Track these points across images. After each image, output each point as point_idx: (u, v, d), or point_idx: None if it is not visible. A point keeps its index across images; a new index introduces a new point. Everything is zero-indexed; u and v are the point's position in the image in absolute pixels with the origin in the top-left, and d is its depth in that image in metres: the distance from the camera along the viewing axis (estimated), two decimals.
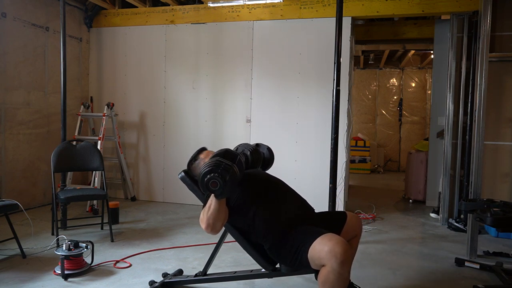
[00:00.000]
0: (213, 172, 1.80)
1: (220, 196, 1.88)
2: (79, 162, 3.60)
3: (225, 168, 1.82)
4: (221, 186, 1.80)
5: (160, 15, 5.06)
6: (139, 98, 5.19)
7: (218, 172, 1.80)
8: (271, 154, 2.51)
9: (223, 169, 1.81)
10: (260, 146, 2.51)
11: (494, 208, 2.74)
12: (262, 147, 2.51)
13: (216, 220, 1.94)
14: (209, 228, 1.96)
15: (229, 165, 1.84)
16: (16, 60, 4.37)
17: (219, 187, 1.80)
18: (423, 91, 9.01)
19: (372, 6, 4.34)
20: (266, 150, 2.49)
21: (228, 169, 1.82)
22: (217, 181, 1.80)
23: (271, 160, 2.51)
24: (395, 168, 9.20)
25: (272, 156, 2.51)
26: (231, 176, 1.81)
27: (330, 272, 1.68)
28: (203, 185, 1.82)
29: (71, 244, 2.73)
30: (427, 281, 2.77)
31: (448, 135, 4.31)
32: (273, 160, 2.52)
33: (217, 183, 1.80)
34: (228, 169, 1.82)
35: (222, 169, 1.81)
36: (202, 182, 1.82)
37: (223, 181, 1.79)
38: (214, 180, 1.80)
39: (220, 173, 1.80)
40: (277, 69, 4.68)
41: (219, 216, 1.94)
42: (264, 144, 2.54)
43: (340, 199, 4.29)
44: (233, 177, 1.83)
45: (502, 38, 3.84)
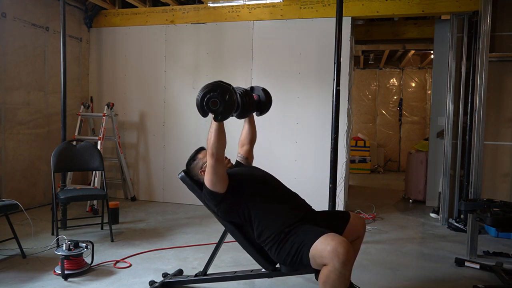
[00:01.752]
0: (213, 91, 1.84)
1: (220, 116, 1.88)
2: (79, 162, 3.60)
3: (224, 89, 1.86)
4: (221, 104, 1.84)
5: (160, 15, 5.06)
6: (139, 98, 5.19)
7: (217, 91, 1.84)
8: (268, 96, 2.38)
9: (222, 89, 1.85)
10: (255, 89, 2.40)
11: (494, 208, 2.75)
12: (256, 89, 2.40)
13: (218, 148, 1.93)
14: (213, 157, 1.94)
15: (227, 86, 1.88)
16: (16, 60, 4.37)
17: (219, 105, 1.84)
18: (423, 91, 9.01)
19: (372, 6, 4.34)
20: (261, 92, 2.37)
21: (227, 90, 1.86)
22: (217, 100, 1.83)
23: (268, 103, 2.38)
24: (395, 168, 9.20)
25: (269, 98, 2.39)
26: (230, 96, 1.85)
27: (332, 271, 1.68)
28: (203, 105, 1.85)
29: (71, 244, 2.73)
30: (427, 281, 2.77)
31: (448, 135, 4.31)
32: (270, 103, 2.39)
33: (217, 102, 1.84)
34: (227, 89, 1.86)
35: (221, 89, 1.85)
36: (201, 102, 1.85)
37: (223, 99, 1.83)
38: (214, 99, 1.83)
39: (219, 92, 1.84)
40: (277, 69, 4.68)
41: (220, 142, 1.93)
42: (259, 86, 2.42)
43: (340, 199, 4.29)
44: (232, 97, 1.87)
45: (502, 38, 3.84)
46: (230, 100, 1.86)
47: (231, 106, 1.87)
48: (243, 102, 2.16)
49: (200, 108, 1.88)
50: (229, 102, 1.86)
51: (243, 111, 2.20)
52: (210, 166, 1.97)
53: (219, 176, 1.99)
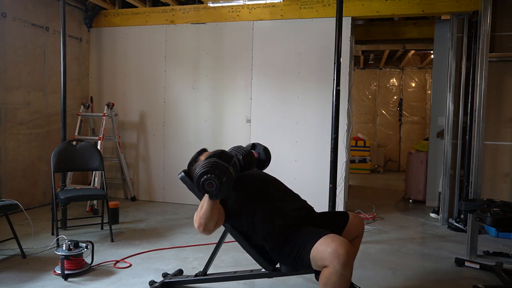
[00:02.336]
0: (210, 173, 1.79)
1: (215, 197, 1.87)
2: (79, 162, 3.60)
3: (222, 169, 1.82)
4: (217, 187, 1.80)
5: (160, 15, 5.06)
6: (139, 98, 5.19)
7: (215, 173, 1.79)
8: (267, 155, 2.45)
9: (220, 171, 1.81)
10: (256, 147, 2.46)
11: (494, 208, 2.74)
12: (258, 147, 2.46)
13: (208, 221, 1.92)
14: (201, 227, 1.94)
15: (226, 167, 1.84)
16: (16, 60, 4.37)
17: (215, 188, 1.80)
18: (423, 91, 9.01)
19: (372, 6, 4.34)
20: (262, 151, 2.44)
21: (225, 171, 1.82)
22: (213, 182, 1.79)
23: (267, 162, 2.46)
24: (395, 168, 9.20)
25: (268, 157, 2.46)
26: (227, 178, 1.81)
27: (333, 273, 1.68)
28: (199, 185, 1.82)
29: (71, 244, 2.73)
30: (427, 281, 2.77)
31: (448, 135, 4.31)
32: (269, 162, 2.47)
33: (213, 184, 1.80)
34: (225, 170, 1.82)
35: (219, 170, 1.81)
36: (198, 182, 1.82)
37: (219, 182, 1.79)
38: (211, 181, 1.79)
39: (217, 174, 1.79)
40: (277, 69, 4.68)
41: (211, 216, 1.93)
42: (260, 144, 2.48)
43: (340, 199, 4.29)
44: (229, 179, 1.83)
45: (502, 38, 3.84)
46: (227, 182, 1.81)
47: (227, 187, 1.83)
48: (245, 162, 2.18)
49: (196, 187, 1.85)
50: (226, 184, 1.81)
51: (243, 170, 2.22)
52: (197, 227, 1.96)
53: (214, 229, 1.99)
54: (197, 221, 1.95)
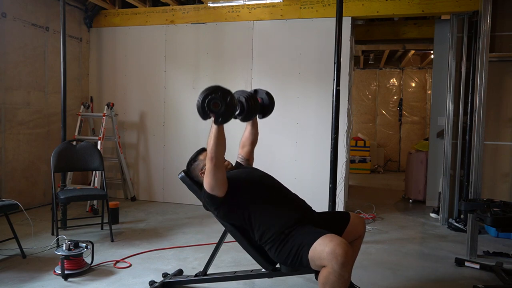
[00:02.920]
0: (214, 93, 1.84)
1: (221, 119, 1.88)
2: (79, 162, 3.60)
3: (225, 91, 1.86)
4: (222, 105, 1.83)
5: (160, 15, 5.06)
6: (139, 98, 5.19)
7: (218, 94, 1.84)
8: (271, 100, 2.39)
9: (223, 92, 1.85)
10: (258, 92, 2.41)
11: (494, 208, 2.75)
12: (260, 92, 2.41)
13: (218, 153, 1.92)
14: (213, 160, 1.92)
15: (228, 90, 1.88)
16: (16, 60, 4.37)
17: (221, 107, 1.83)
18: (423, 91, 9.01)
19: (372, 6, 4.34)
20: (265, 95, 2.38)
21: (228, 92, 1.87)
22: (218, 102, 1.83)
23: (271, 106, 2.40)
24: (395, 168, 9.20)
25: (272, 101, 2.40)
26: (231, 99, 1.86)
27: (331, 273, 1.68)
28: (204, 106, 1.83)
29: (71, 244, 2.73)
30: (427, 281, 2.77)
31: (448, 135, 4.31)
32: (273, 107, 2.41)
33: (219, 104, 1.83)
34: (228, 92, 1.87)
35: (222, 91, 1.85)
36: (202, 103, 1.83)
37: (224, 101, 1.83)
38: (216, 100, 1.83)
39: (220, 95, 1.84)
40: (277, 69, 4.68)
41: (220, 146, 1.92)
42: (262, 89, 2.43)
43: (340, 199, 4.29)
44: (233, 100, 1.87)
45: (502, 38, 3.84)
46: (231, 102, 1.86)
47: (232, 108, 1.87)
48: (248, 105, 2.14)
49: (201, 110, 1.85)
50: (230, 104, 1.85)
51: (248, 114, 2.18)
52: (209, 170, 1.96)
53: (218, 180, 1.98)
54: (209, 156, 1.93)
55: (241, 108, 2.14)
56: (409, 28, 5.44)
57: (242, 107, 2.13)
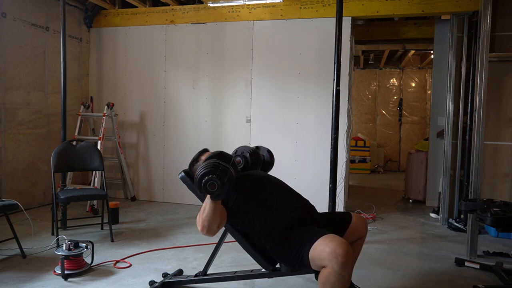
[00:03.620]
0: (211, 174, 1.81)
1: (217, 198, 1.89)
2: (79, 162, 3.60)
3: (223, 170, 1.83)
4: (219, 187, 1.81)
5: (160, 15, 5.06)
6: (139, 98, 5.19)
7: (216, 174, 1.81)
8: (271, 157, 2.51)
9: (221, 171, 1.82)
10: (260, 149, 2.52)
11: (494, 208, 2.74)
12: (262, 149, 2.51)
13: (211, 222, 1.95)
14: (204, 230, 1.96)
15: (226, 167, 1.85)
16: (16, 60, 4.37)
17: (217, 189, 1.82)
18: (423, 91, 9.01)
19: (372, 6, 4.34)
20: (266, 153, 2.50)
21: (226, 171, 1.83)
22: (215, 183, 1.81)
23: (271, 163, 2.52)
24: (395, 168, 9.20)
25: (272, 159, 2.52)
26: (228, 178, 1.83)
27: (331, 273, 1.68)
28: (201, 186, 1.83)
29: (71, 244, 2.73)
30: (427, 281, 2.77)
31: (448, 135, 4.31)
32: (273, 163, 2.53)
33: (215, 185, 1.81)
34: (226, 171, 1.83)
35: (220, 171, 1.82)
36: (199, 184, 1.83)
37: (221, 182, 1.81)
38: (212, 181, 1.81)
39: (218, 175, 1.81)
40: (277, 69, 4.68)
41: (214, 218, 1.94)
42: (264, 147, 2.54)
43: (340, 199, 4.29)
44: (231, 179, 1.85)
45: (502, 38, 3.84)
46: (228, 182, 1.83)
47: (228, 187, 1.85)
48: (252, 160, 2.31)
49: (198, 188, 1.86)
50: (227, 184, 1.83)
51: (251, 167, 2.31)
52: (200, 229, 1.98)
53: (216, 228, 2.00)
54: (200, 224, 1.97)
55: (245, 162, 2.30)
56: (409, 28, 5.44)
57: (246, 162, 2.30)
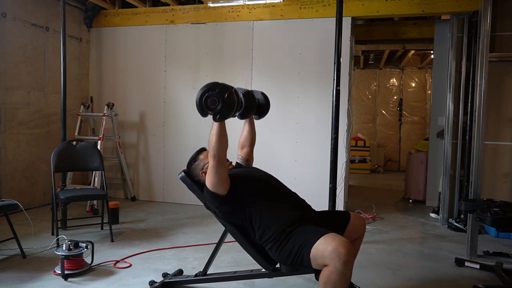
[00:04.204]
0: (211, 90, 1.82)
1: (219, 116, 1.86)
2: (79, 162, 3.60)
3: (223, 87, 1.84)
4: (219, 103, 1.81)
5: (160, 15, 5.06)
6: (139, 98, 5.19)
7: (216, 90, 1.82)
8: (267, 100, 2.41)
9: (221, 88, 1.83)
10: (254, 92, 2.39)
11: (494, 208, 2.75)
12: (256, 92, 2.41)
13: (220, 148, 1.92)
14: (215, 158, 1.93)
15: (227, 86, 1.87)
16: (16, 60, 4.37)
17: (218, 104, 1.82)
18: (423, 91, 9.01)
19: (372, 6, 4.34)
20: (260, 96, 2.39)
21: (226, 89, 1.84)
22: (215, 98, 1.81)
23: (267, 107, 2.41)
24: (395, 168, 9.20)
25: (268, 102, 2.41)
26: (229, 95, 1.83)
27: (333, 272, 1.68)
28: (201, 104, 1.83)
29: (71, 244, 2.73)
30: (427, 281, 2.77)
31: (448, 135, 4.31)
32: (268, 107, 2.41)
33: (216, 101, 1.81)
34: (226, 89, 1.84)
35: (220, 88, 1.83)
36: (200, 101, 1.83)
37: (221, 98, 1.81)
38: (213, 97, 1.81)
39: (218, 91, 1.82)
40: (277, 69, 4.68)
41: (222, 143, 1.92)
42: (258, 90, 2.44)
43: (340, 199, 4.29)
44: (231, 97, 1.85)
45: (502, 38, 3.84)
46: (229, 99, 1.83)
47: (230, 105, 1.85)
48: (246, 101, 2.15)
49: (199, 107, 1.86)
50: (228, 101, 1.83)
51: (245, 110, 2.18)
52: (211, 167, 1.96)
53: (220, 177, 1.98)
54: (211, 154, 1.94)
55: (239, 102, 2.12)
56: (409, 28, 5.44)
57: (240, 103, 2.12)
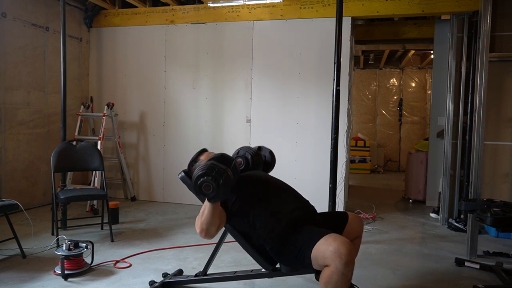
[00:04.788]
0: (207, 175, 1.81)
1: (213, 200, 1.88)
2: (79, 162, 3.60)
3: (219, 171, 1.82)
4: (214, 189, 1.81)
5: (160, 15, 5.06)
6: (139, 98, 5.19)
7: (211, 175, 1.80)
8: (273, 158, 2.55)
9: (217, 173, 1.81)
10: (262, 149, 2.54)
11: (494, 208, 2.75)
12: (264, 150, 2.54)
13: (209, 225, 1.94)
14: (203, 233, 1.97)
15: (223, 169, 1.84)
16: (16, 60, 4.37)
17: (212, 190, 1.81)
18: (423, 91, 9.01)
19: (372, 6, 4.34)
20: (267, 154, 2.53)
21: (222, 173, 1.82)
22: (210, 184, 1.81)
23: (272, 164, 2.55)
24: (395, 168, 9.20)
25: (274, 159, 2.55)
26: (224, 180, 1.82)
27: (334, 272, 1.68)
28: (196, 188, 1.83)
29: (71, 244, 2.73)
30: (427, 281, 2.77)
31: (448, 135, 4.31)
32: (274, 164, 2.56)
33: (210, 187, 1.81)
34: (222, 172, 1.82)
35: (216, 172, 1.81)
36: (195, 185, 1.83)
37: (216, 184, 1.80)
38: (207, 183, 1.80)
39: (213, 176, 1.80)
40: (277, 69, 4.68)
41: (213, 221, 1.94)
42: (266, 147, 2.56)
43: (340, 199, 4.29)
44: (227, 181, 1.83)
45: (502, 38, 3.84)
46: (224, 184, 1.82)
47: (225, 190, 1.84)
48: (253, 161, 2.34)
49: (194, 191, 1.87)
50: (223, 186, 1.81)
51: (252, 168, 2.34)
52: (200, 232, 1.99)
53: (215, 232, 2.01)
54: (198, 227, 1.98)
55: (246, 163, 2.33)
56: (409, 28, 5.44)
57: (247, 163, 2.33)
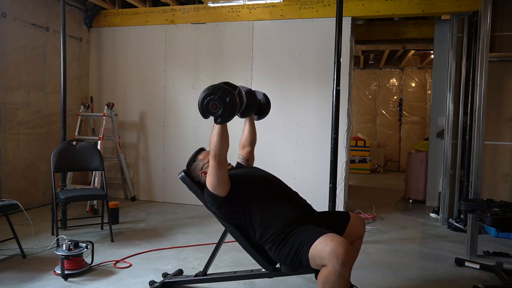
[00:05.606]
0: (214, 94, 1.82)
1: (220, 120, 1.87)
2: (79, 162, 3.60)
3: (225, 91, 1.83)
4: (220, 107, 1.81)
5: (160, 15, 5.06)
6: (139, 98, 5.19)
7: (218, 94, 1.81)
8: (267, 101, 2.46)
9: (223, 92, 1.83)
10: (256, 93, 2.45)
11: (494, 208, 2.75)
12: (258, 93, 2.46)
13: (221, 150, 1.92)
14: (215, 159, 1.93)
15: (229, 89, 1.86)
16: (16, 60, 4.37)
17: (219, 109, 1.82)
18: (423, 91, 9.01)
19: (372, 6, 4.34)
20: (262, 96, 2.45)
21: (228, 92, 1.83)
22: (217, 103, 1.81)
23: (268, 107, 2.46)
24: (395, 168, 9.20)
25: (269, 102, 2.46)
26: (230, 99, 1.83)
27: (331, 272, 1.68)
28: (203, 108, 1.83)
29: (71, 244, 2.73)
30: (427, 281, 2.77)
31: (448, 135, 4.31)
32: (269, 108, 2.47)
33: (217, 105, 1.82)
34: (228, 92, 1.84)
35: (222, 91, 1.83)
36: (202, 105, 1.83)
37: (223, 102, 1.81)
38: (214, 101, 1.81)
39: (219, 95, 1.81)
40: (277, 69, 4.68)
41: (223, 144, 1.92)
42: (260, 91, 2.48)
43: (340, 199, 4.29)
44: (233, 100, 1.84)
45: (502, 38, 3.84)
46: (230, 103, 1.83)
47: (231, 109, 1.84)
48: (247, 100, 2.18)
49: (201, 110, 1.87)
50: (230, 105, 1.82)
51: (246, 109, 2.21)
52: (212, 167, 1.96)
53: (220, 178, 1.97)
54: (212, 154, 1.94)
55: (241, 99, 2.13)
56: (409, 28, 5.44)
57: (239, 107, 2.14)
